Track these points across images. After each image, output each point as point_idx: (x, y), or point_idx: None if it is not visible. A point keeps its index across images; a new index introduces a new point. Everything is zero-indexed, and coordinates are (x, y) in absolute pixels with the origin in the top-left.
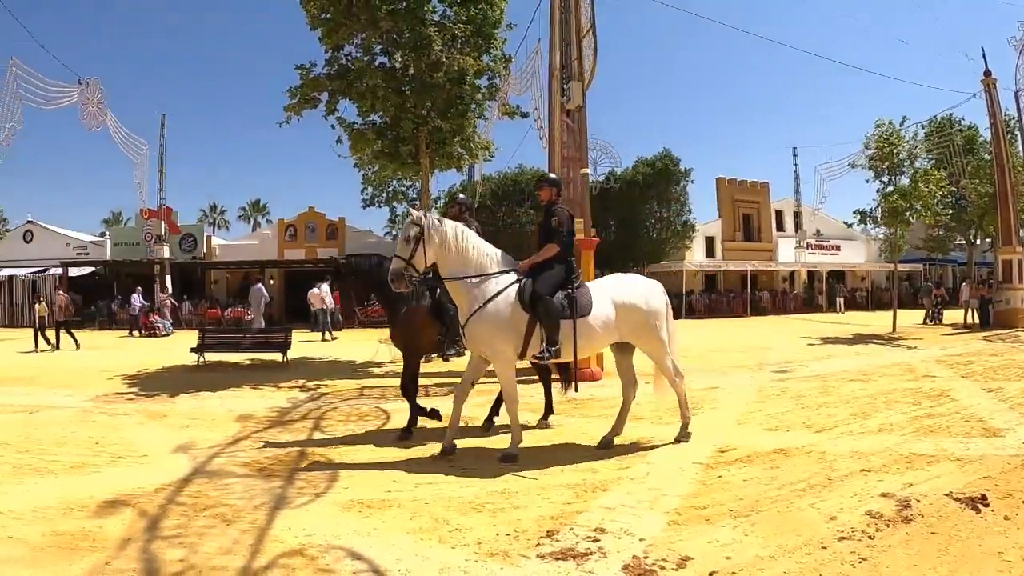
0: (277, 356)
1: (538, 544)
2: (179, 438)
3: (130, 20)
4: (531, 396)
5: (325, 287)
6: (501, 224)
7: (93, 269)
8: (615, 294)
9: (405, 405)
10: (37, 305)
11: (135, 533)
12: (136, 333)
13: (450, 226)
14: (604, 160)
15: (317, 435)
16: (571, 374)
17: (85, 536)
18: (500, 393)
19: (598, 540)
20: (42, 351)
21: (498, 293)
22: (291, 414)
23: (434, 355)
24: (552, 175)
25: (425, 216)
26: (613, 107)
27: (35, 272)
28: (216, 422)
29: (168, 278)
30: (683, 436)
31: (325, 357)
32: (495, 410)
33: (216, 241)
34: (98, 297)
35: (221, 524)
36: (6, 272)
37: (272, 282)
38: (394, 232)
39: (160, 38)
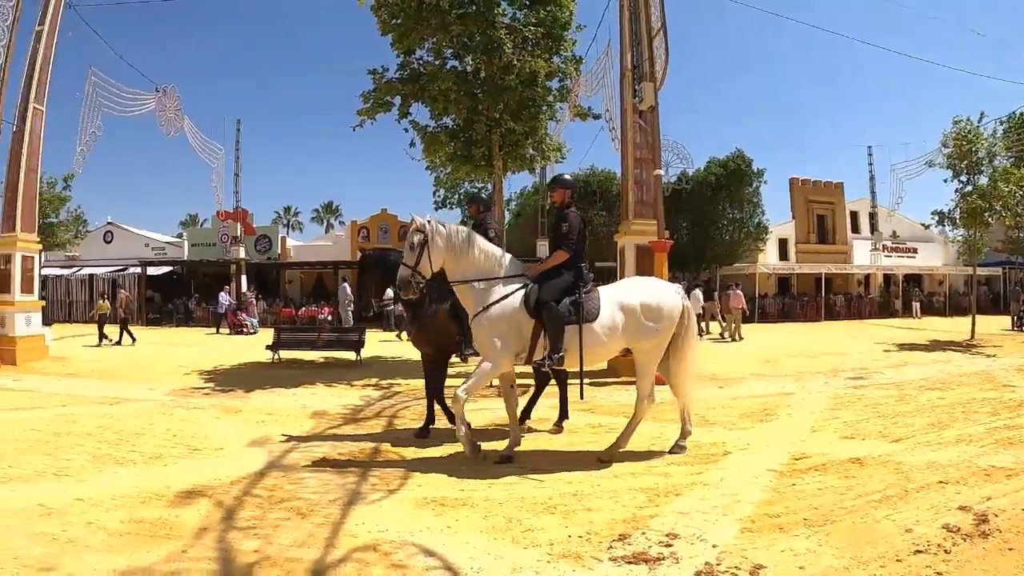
0: (351, 354)
1: (610, 547)
2: (254, 433)
3: (206, 30)
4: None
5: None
6: None
7: (171, 268)
8: (623, 299)
9: (477, 405)
10: (100, 302)
11: (211, 523)
12: (224, 331)
13: (454, 230)
14: (676, 161)
15: (390, 433)
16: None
17: (163, 524)
18: (533, 394)
19: (671, 545)
20: (104, 346)
21: (503, 297)
22: (364, 412)
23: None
24: (566, 177)
25: (428, 222)
26: (684, 107)
27: (115, 271)
28: (290, 418)
29: (244, 278)
30: (605, 456)
31: (398, 356)
32: (527, 412)
33: (290, 242)
34: (175, 295)
35: (296, 517)
36: (87, 271)
37: (345, 283)
38: None
39: (235, 46)
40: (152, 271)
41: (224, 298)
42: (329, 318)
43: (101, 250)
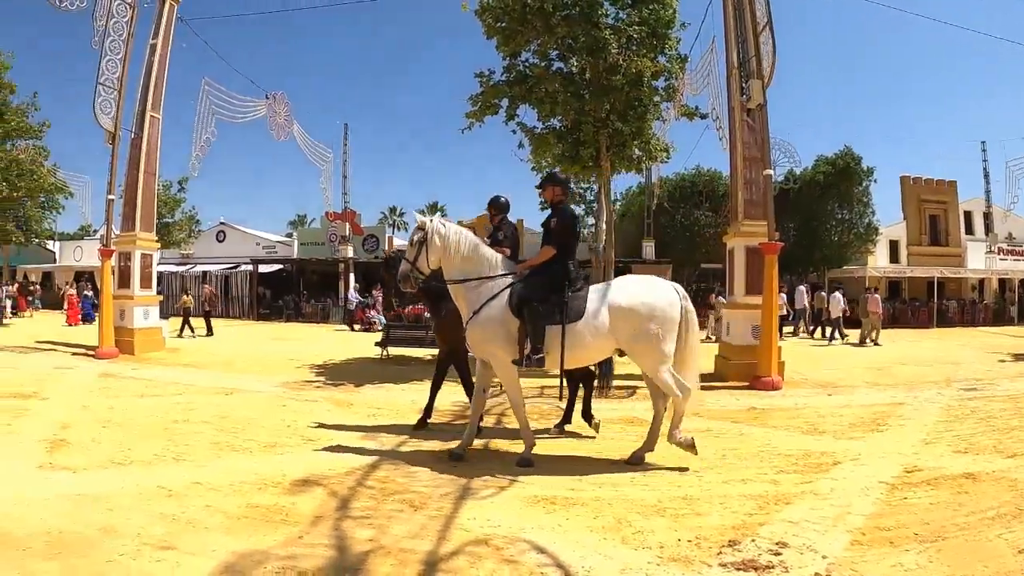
0: None
1: (720, 553)
2: (366, 425)
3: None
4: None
5: None
6: (679, 226)
7: (281, 266)
8: (612, 298)
9: (581, 405)
10: (184, 296)
11: (326, 511)
12: (357, 327)
13: (453, 231)
14: (783, 159)
15: (499, 430)
16: (606, 379)
17: (279, 510)
18: (570, 400)
19: (780, 554)
20: (188, 337)
21: (493, 297)
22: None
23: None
24: (559, 173)
25: (430, 221)
26: (790, 103)
27: (227, 268)
28: (400, 412)
29: (352, 276)
30: (688, 449)
31: None
32: (567, 417)
33: (397, 242)
34: (285, 292)
35: (408, 509)
36: (200, 268)
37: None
38: None
39: (342, 52)
40: (263, 269)
41: (353, 295)
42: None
43: (214, 248)
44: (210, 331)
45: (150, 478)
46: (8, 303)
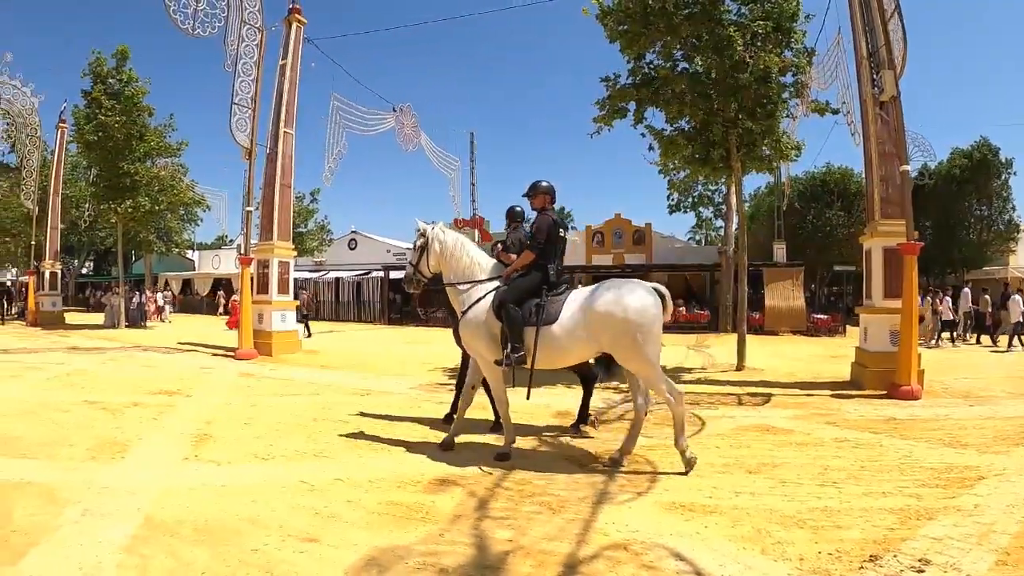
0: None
1: (861, 568)
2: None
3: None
4: None
5: None
6: (811, 227)
7: None
8: (589, 302)
9: (720, 412)
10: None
11: (465, 511)
12: None
13: (451, 237)
14: (916, 153)
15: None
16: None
17: (419, 508)
18: (583, 400)
19: (923, 571)
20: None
21: (479, 299)
22: (607, 414)
23: None
24: (544, 182)
25: (431, 227)
26: (919, 91)
27: (359, 275)
28: (535, 416)
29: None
30: (687, 465)
31: None
32: (582, 417)
33: None
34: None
35: (547, 512)
36: (333, 275)
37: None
38: (696, 238)
39: (468, 60)
40: (394, 275)
41: None
42: None
43: (346, 256)
44: (308, 333)
45: (292, 473)
46: (168, 307)
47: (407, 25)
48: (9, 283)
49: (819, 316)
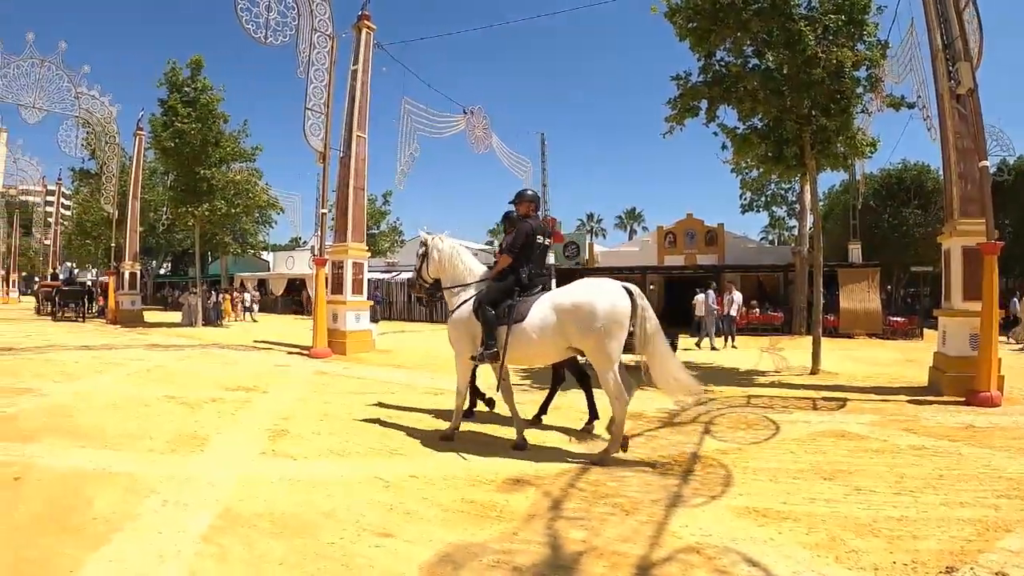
0: None
1: None
2: (574, 429)
3: (509, 50)
4: None
5: (710, 294)
6: (887, 226)
7: None
8: (558, 300)
9: (794, 416)
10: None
11: (539, 510)
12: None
13: (447, 246)
14: (994, 148)
15: (708, 439)
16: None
17: (493, 507)
18: (587, 399)
19: None
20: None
21: (464, 301)
22: (680, 416)
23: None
24: (529, 191)
25: (431, 238)
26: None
27: None
28: (604, 417)
29: (554, 282)
30: (603, 458)
31: (708, 363)
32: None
33: (598, 248)
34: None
35: (620, 513)
36: (405, 275)
37: (652, 288)
38: (769, 238)
39: (538, 62)
40: None
41: None
42: None
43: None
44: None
45: (367, 469)
46: (255, 306)
47: (476, 28)
48: (90, 283)
49: (895, 319)
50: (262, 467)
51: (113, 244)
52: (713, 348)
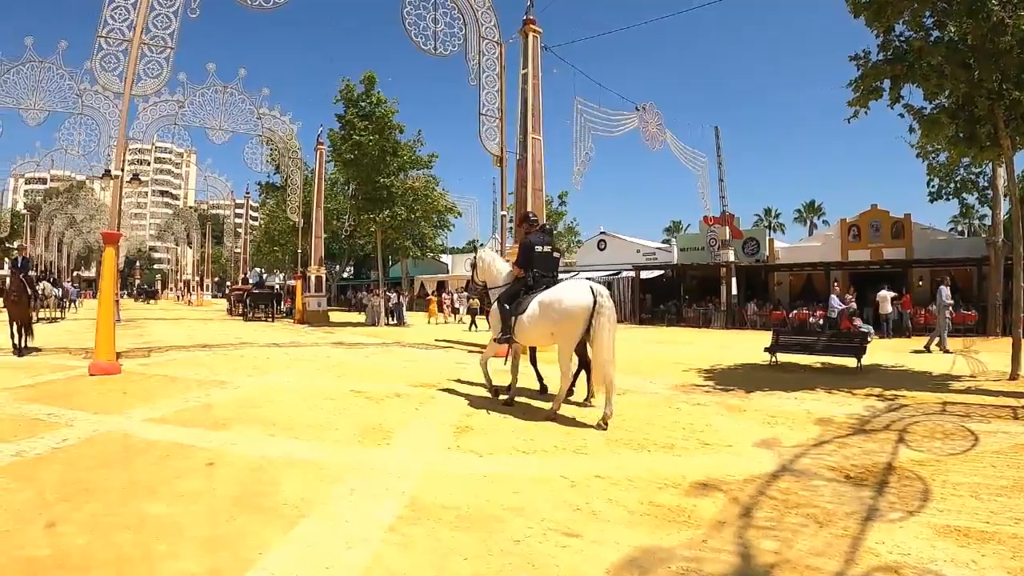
0: (849, 361)
1: None
2: (761, 433)
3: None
4: None
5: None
6: None
7: (661, 272)
8: (542, 298)
9: (994, 427)
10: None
11: (728, 518)
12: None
13: (488, 255)
14: None
15: (902, 448)
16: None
17: (680, 511)
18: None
19: None
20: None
21: (496, 299)
22: (871, 423)
23: None
24: (530, 214)
25: (478, 250)
26: None
27: (608, 276)
28: (795, 422)
29: (734, 280)
30: (551, 414)
31: (898, 365)
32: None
33: (778, 244)
34: (665, 297)
35: (813, 525)
36: (583, 276)
37: (836, 285)
38: (959, 228)
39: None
40: (644, 275)
41: (836, 302)
42: (820, 321)
43: (596, 257)
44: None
45: (552, 467)
46: (461, 308)
47: (643, 23)
48: (277, 286)
49: None
50: (447, 461)
51: (299, 250)
52: (946, 351)
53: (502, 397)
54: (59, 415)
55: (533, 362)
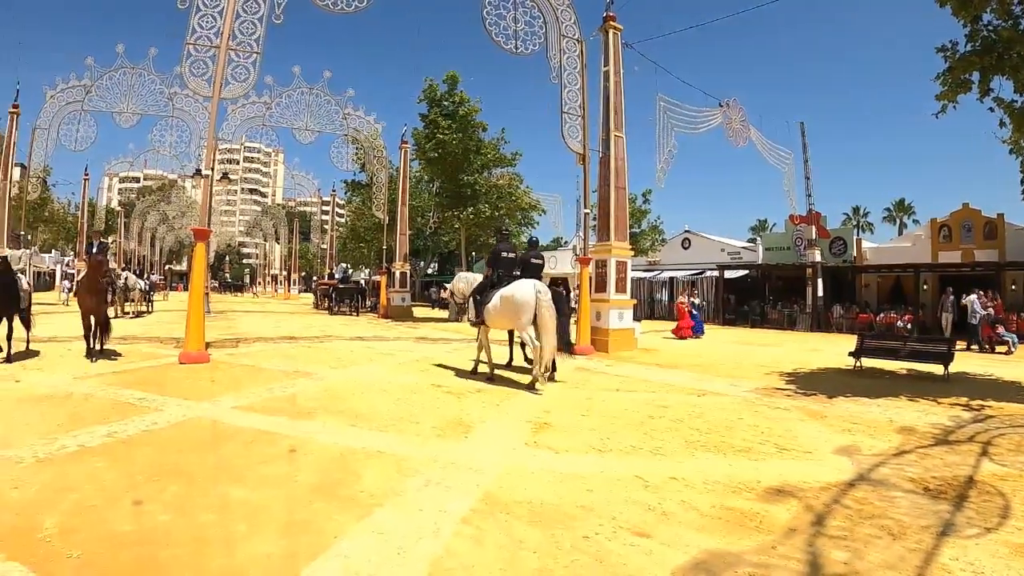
0: (935, 368)
1: None
2: (840, 440)
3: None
4: None
5: (973, 297)
6: None
7: (746, 272)
8: (503, 292)
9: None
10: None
11: (800, 525)
12: (974, 348)
13: (461, 278)
14: None
15: (985, 462)
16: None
17: (752, 516)
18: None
19: None
20: None
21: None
22: (955, 434)
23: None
24: (503, 228)
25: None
26: None
27: (692, 275)
28: (876, 430)
29: (820, 281)
30: (531, 387)
31: (987, 374)
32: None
33: (866, 244)
34: (749, 297)
35: (886, 536)
36: (667, 274)
37: (925, 287)
38: None
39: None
40: (729, 274)
41: (978, 306)
42: (909, 325)
43: (679, 256)
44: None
45: (627, 467)
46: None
47: (724, 16)
48: (363, 281)
49: None
50: (524, 457)
51: (384, 246)
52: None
53: (483, 369)
54: (149, 400)
55: (510, 342)
